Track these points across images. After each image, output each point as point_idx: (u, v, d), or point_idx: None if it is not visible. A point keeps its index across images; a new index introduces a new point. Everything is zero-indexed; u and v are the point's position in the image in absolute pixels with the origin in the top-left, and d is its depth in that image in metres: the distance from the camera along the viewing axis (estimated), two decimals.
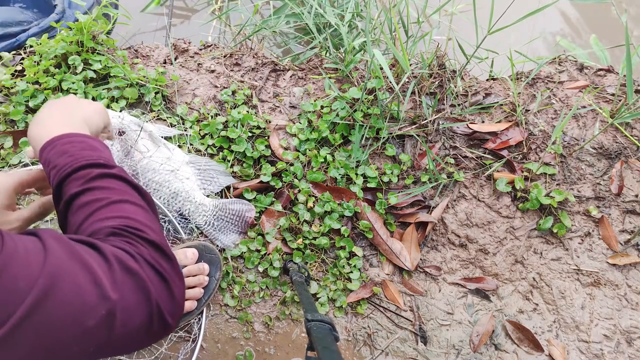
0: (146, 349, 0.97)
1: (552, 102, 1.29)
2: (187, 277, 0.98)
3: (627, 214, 1.19)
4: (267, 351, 1.05)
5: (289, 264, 1.04)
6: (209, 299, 1.02)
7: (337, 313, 1.10)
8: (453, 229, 1.18)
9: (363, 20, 1.51)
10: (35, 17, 1.52)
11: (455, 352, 1.07)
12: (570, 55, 1.42)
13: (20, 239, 0.45)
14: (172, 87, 1.28)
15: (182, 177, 1.10)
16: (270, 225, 1.15)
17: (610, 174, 1.20)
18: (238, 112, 1.23)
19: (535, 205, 1.16)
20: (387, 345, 1.07)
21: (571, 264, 1.16)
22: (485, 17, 1.10)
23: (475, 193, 1.21)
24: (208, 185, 1.13)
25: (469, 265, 1.17)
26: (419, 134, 1.24)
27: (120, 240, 0.54)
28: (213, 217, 1.11)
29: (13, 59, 1.28)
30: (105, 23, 1.32)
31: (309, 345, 0.64)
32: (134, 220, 0.57)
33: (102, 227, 0.55)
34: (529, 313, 1.12)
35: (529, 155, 1.23)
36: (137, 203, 0.61)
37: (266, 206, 1.16)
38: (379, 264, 1.16)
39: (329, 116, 1.23)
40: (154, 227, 0.59)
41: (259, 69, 1.35)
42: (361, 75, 1.32)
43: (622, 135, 1.23)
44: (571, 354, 1.07)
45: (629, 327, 1.10)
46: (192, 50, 1.39)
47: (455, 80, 1.29)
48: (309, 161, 1.21)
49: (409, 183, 1.20)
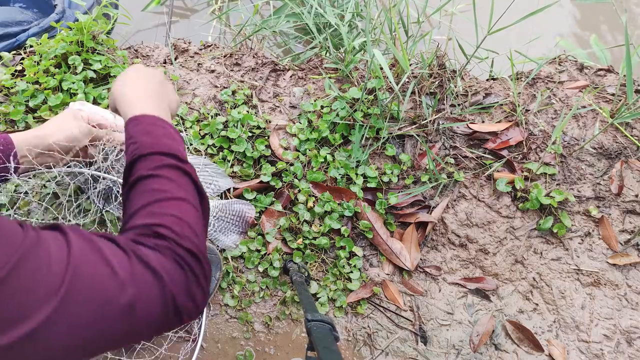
0: (146, 349, 0.97)
1: (552, 102, 1.29)
2: None
3: (627, 214, 1.19)
4: (267, 351, 1.05)
5: (289, 264, 1.04)
6: (209, 298, 1.02)
7: (337, 313, 1.10)
8: (453, 229, 1.18)
9: (363, 20, 1.51)
10: (35, 17, 1.52)
11: (455, 352, 1.07)
12: (570, 55, 1.42)
13: (42, 233, 0.46)
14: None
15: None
16: (270, 225, 1.15)
17: (610, 174, 1.20)
18: (238, 112, 1.23)
19: (535, 205, 1.16)
20: (387, 345, 1.07)
21: (571, 264, 1.16)
22: (485, 17, 1.10)
23: (475, 193, 1.21)
24: (207, 188, 1.13)
25: (469, 265, 1.17)
26: (419, 134, 1.24)
27: (156, 239, 0.54)
28: (214, 218, 1.11)
29: (13, 59, 1.28)
30: (105, 23, 1.32)
31: (309, 345, 0.64)
32: (184, 222, 0.58)
33: (153, 222, 0.56)
34: (529, 313, 1.12)
35: (529, 155, 1.23)
36: (194, 205, 0.61)
37: (266, 206, 1.16)
38: (379, 264, 1.16)
39: (329, 116, 1.23)
40: (199, 231, 0.59)
41: (259, 69, 1.35)
42: (361, 75, 1.32)
43: (622, 135, 1.23)
44: (571, 354, 1.07)
45: (629, 327, 1.10)
46: (192, 50, 1.39)
47: (455, 80, 1.29)
48: (309, 161, 1.21)
49: (409, 183, 1.20)
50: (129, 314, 0.47)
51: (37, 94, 1.19)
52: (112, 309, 0.46)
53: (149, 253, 0.52)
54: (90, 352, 0.47)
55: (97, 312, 0.45)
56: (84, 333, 0.45)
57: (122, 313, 0.47)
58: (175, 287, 0.51)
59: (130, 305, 0.47)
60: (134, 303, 0.47)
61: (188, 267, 0.53)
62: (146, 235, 0.54)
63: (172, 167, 0.62)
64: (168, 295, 0.50)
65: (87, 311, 0.44)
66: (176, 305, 0.51)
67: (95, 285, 0.45)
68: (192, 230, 0.57)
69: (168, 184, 0.60)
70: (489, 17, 1.09)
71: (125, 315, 0.47)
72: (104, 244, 0.49)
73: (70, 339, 0.44)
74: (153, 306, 0.49)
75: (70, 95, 1.21)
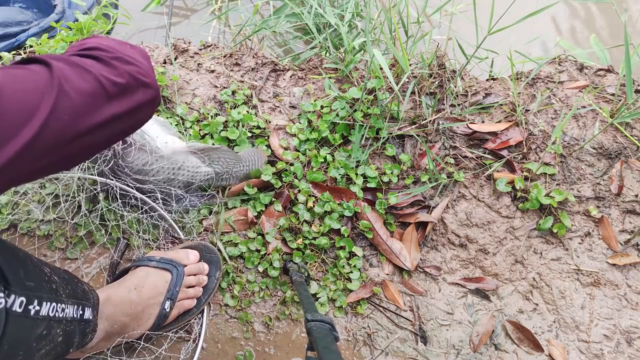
0: (145, 348, 0.97)
1: (552, 102, 1.29)
2: (188, 276, 0.99)
3: (627, 214, 1.19)
4: (267, 351, 1.05)
5: (289, 264, 1.04)
6: (208, 298, 1.02)
7: (337, 313, 1.10)
8: (453, 229, 1.18)
9: (363, 20, 1.51)
10: (35, 17, 1.52)
11: (455, 352, 1.07)
12: (570, 55, 1.42)
13: None
14: (171, 87, 1.28)
15: (191, 168, 1.07)
16: (270, 225, 1.15)
17: (610, 174, 1.20)
18: (238, 112, 1.23)
19: (535, 205, 1.16)
20: (387, 345, 1.07)
21: (571, 264, 1.16)
22: (486, 17, 1.10)
23: (475, 193, 1.21)
24: (216, 166, 1.12)
25: (469, 265, 1.17)
26: (419, 134, 1.24)
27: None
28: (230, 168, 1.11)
29: (13, 59, 1.28)
30: (105, 23, 1.32)
31: (309, 345, 0.64)
32: (92, 42, 0.64)
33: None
34: (529, 313, 1.12)
35: (529, 155, 1.23)
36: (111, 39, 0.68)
37: (266, 205, 1.16)
38: (379, 264, 1.16)
39: (328, 116, 1.23)
40: (109, 42, 0.65)
41: (259, 69, 1.35)
42: (361, 75, 1.32)
43: (622, 135, 1.23)
44: (571, 354, 1.07)
45: (629, 327, 1.10)
46: (192, 50, 1.39)
47: (455, 80, 1.29)
48: (309, 161, 1.21)
49: (409, 183, 1.20)
50: (62, 96, 0.51)
51: None
52: (47, 92, 0.50)
53: (65, 57, 0.57)
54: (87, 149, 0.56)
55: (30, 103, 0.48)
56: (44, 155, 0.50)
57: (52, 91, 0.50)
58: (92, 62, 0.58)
59: (59, 87, 0.51)
60: (61, 83, 0.51)
61: (96, 54, 0.60)
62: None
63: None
64: (94, 72, 0.56)
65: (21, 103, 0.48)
66: (108, 72, 0.58)
67: (20, 89, 0.48)
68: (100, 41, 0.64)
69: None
70: (489, 17, 1.09)
71: (60, 95, 0.51)
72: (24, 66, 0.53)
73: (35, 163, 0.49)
74: (82, 81, 0.54)
75: None
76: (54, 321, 0.64)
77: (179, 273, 0.96)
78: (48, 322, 0.62)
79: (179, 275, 0.96)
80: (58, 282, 0.67)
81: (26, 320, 0.58)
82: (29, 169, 0.50)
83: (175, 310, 0.96)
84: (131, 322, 0.90)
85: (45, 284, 0.64)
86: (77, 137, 0.53)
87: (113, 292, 0.89)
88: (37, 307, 0.60)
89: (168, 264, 0.97)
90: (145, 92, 0.63)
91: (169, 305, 0.94)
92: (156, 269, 0.96)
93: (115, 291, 0.90)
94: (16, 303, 0.56)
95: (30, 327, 0.59)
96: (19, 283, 0.57)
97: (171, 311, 0.95)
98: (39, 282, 0.62)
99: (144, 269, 0.96)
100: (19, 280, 0.57)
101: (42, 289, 0.62)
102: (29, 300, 0.58)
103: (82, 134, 0.54)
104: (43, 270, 0.66)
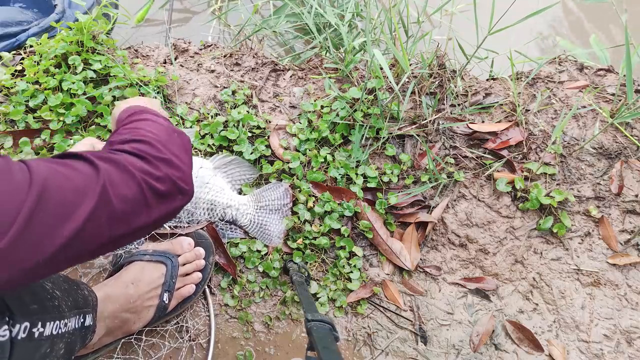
0: (149, 346, 0.97)
1: (552, 102, 1.29)
2: (185, 264, 1.02)
3: (627, 214, 1.19)
4: (267, 351, 1.05)
5: (289, 264, 1.04)
6: (205, 283, 1.05)
7: (337, 313, 1.10)
8: (453, 229, 1.18)
9: (363, 20, 1.51)
10: (35, 17, 1.52)
11: (455, 352, 1.07)
12: (570, 55, 1.42)
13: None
14: (172, 87, 1.28)
15: (217, 189, 1.10)
16: None
17: (610, 174, 1.20)
18: (238, 112, 1.23)
19: (535, 205, 1.16)
20: (387, 345, 1.07)
21: (571, 264, 1.16)
22: (486, 17, 1.10)
23: (475, 193, 1.21)
24: (237, 184, 1.15)
25: (469, 265, 1.17)
26: (419, 134, 1.24)
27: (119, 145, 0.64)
28: (255, 212, 1.12)
29: (13, 59, 1.28)
30: (105, 23, 1.32)
31: (309, 345, 0.64)
32: (142, 130, 0.67)
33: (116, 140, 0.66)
34: (529, 313, 1.12)
35: (529, 155, 1.23)
36: (159, 122, 0.71)
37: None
38: (379, 264, 1.16)
39: (329, 116, 1.23)
40: (158, 132, 0.68)
41: (259, 69, 1.35)
42: (361, 75, 1.32)
43: (622, 135, 1.23)
44: (571, 354, 1.07)
45: (629, 327, 1.10)
46: (192, 50, 1.39)
47: (455, 80, 1.29)
48: (309, 161, 1.21)
49: (409, 183, 1.20)
50: (104, 202, 0.53)
51: (37, 94, 1.20)
52: (87, 195, 0.51)
53: (112, 154, 0.60)
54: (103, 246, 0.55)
55: (71, 199, 0.50)
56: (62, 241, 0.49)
57: (98, 194, 0.52)
58: (136, 167, 0.60)
59: (102, 187, 0.53)
60: (105, 188, 0.53)
61: (143, 153, 0.62)
62: (111, 148, 0.64)
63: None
64: (138, 176, 0.58)
65: (62, 202, 0.49)
66: (151, 179, 0.59)
67: (62, 183, 0.50)
68: (149, 132, 0.67)
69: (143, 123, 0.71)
70: (490, 17, 1.09)
71: (102, 201, 0.52)
72: (60, 160, 0.54)
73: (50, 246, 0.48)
74: (125, 187, 0.56)
75: (70, 96, 1.21)
76: (57, 338, 0.64)
77: (173, 264, 0.98)
78: (51, 340, 0.63)
79: (173, 266, 0.98)
80: (60, 297, 0.68)
81: (30, 343, 0.59)
82: (64, 264, 0.53)
83: (174, 300, 0.99)
84: (131, 316, 0.92)
85: (47, 302, 0.64)
86: (111, 241, 0.55)
87: (111, 289, 0.90)
88: (40, 329, 0.60)
89: (161, 256, 0.99)
90: (182, 200, 0.65)
91: (167, 297, 0.96)
92: (150, 262, 0.98)
93: (113, 288, 0.91)
94: (20, 330, 0.57)
95: (34, 348, 0.60)
96: (22, 310, 0.58)
97: (170, 302, 0.97)
98: (41, 303, 0.63)
99: (138, 263, 0.97)
100: (22, 306, 0.58)
101: (45, 309, 0.63)
102: (32, 324, 0.59)
103: (116, 239, 0.56)
104: (45, 288, 0.66)
